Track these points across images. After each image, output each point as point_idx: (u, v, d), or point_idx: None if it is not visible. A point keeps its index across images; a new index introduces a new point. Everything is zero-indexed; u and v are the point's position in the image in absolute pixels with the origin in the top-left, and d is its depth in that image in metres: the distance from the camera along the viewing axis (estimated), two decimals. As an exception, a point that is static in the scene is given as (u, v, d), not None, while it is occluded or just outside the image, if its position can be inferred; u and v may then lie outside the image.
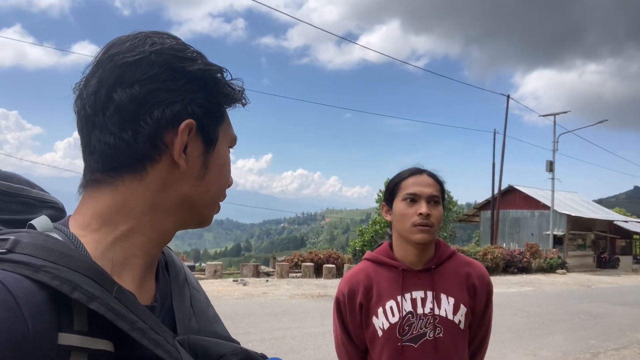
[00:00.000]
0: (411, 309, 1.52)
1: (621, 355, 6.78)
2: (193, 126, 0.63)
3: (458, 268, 1.60)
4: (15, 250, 0.52)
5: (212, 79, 0.66)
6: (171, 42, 0.65)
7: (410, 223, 1.51)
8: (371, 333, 1.54)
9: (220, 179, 0.70)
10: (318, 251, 18.00)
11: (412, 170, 1.61)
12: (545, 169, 26.91)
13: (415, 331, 1.51)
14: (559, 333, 8.03)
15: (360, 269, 1.63)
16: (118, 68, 0.61)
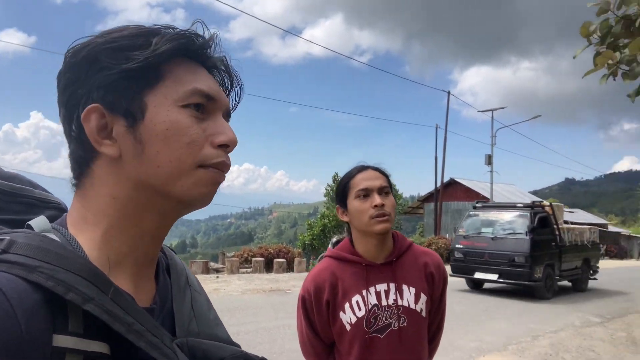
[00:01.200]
0: (376, 301, 1.59)
1: (558, 337, 7.23)
2: (97, 109, 0.60)
3: (416, 258, 1.69)
4: (10, 250, 0.52)
5: (107, 50, 0.60)
6: (74, 43, 0.63)
7: (368, 216, 1.57)
8: (338, 328, 1.60)
9: (171, 146, 0.60)
10: (268, 246, 17.92)
11: (358, 168, 1.67)
12: (485, 163, 27.97)
13: (381, 322, 1.58)
14: (501, 318, 8.44)
15: (325, 267, 1.67)
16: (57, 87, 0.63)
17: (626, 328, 8.00)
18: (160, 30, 0.63)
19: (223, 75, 0.70)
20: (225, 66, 0.70)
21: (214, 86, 0.66)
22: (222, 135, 0.64)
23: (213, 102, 0.65)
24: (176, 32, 0.63)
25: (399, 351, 1.58)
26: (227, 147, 0.65)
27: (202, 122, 0.64)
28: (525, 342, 6.83)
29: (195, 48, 0.65)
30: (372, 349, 1.57)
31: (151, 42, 0.61)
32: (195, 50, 0.65)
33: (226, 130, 0.65)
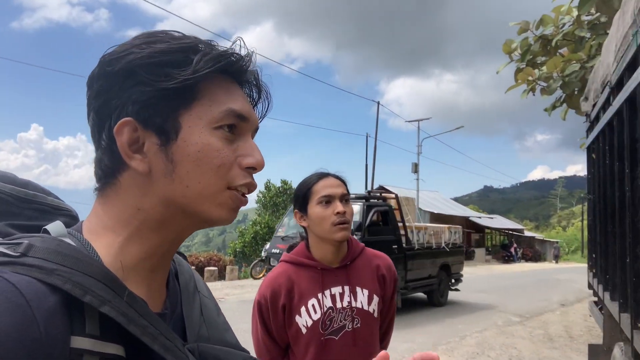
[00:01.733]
0: (331, 304, 1.63)
1: (483, 336, 7.62)
2: (131, 124, 0.60)
3: (369, 261, 1.75)
4: (28, 254, 0.52)
5: (146, 65, 0.60)
6: (112, 49, 0.63)
7: (330, 223, 1.60)
8: (294, 331, 1.63)
9: (201, 168, 0.61)
10: (198, 254, 17.59)
11: (319, 175, 1.69)
12: (411, 171, 29.04)
13: (336, 324, 1.63)
14: (431, 320, 8.78)
15: (281, 272, 1.69)
16: (87, 93, 0.64)
17: (543, 326, 8.59)
18: (200, 45, 0.63)
19: (252, 88, 0.71)
20: (256, 80, 0.71)
21: (247, 106, 0.67)
22: (251, 158, 0.65)
23: (245, 122, 0.65)
24: (217, 53, 0.63)
25: (353, 351, 1.62)
26: (254, 169, 0.66)
27: (232, 143, 0.64)
28: (453, 342, 7.15)
29: (233, 69, 0.66)
30: (327, 351, 1.61)
31: (191, 60, 0.61)
32: (233, 69, 0.66)
33: (255, 153, 0.66)
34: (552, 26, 6.40)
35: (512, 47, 7.08)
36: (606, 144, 3.34)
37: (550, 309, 10.55)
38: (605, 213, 3.51)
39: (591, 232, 4.68)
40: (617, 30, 2.57)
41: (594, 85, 3.67)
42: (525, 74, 6.59)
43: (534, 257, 39.44)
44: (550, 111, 7.46)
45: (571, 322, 8.99)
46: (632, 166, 2.51)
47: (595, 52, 5.57)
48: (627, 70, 2.47)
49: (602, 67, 3.18)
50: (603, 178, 3.57)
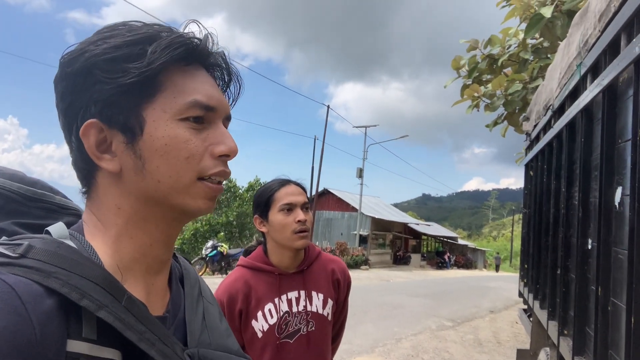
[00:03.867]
0: (287, 308, 1.66)
1: (418, 339, 7.88)
2: (95, 124, 0.59)
3: (325, 266, 1.79)
4: (27, 255, 0.52)
5: (101, 63, 0.58)
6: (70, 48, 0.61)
7: (291, 231, 1.62)
8: (250, 335, 1.64)
9: (170, 161, 0.60)
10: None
11: (280, 181, 1.70)
12: (356, 175, 29.46)
13: (292, 328, 1.66)
14: (368, 323, 8.97)
15: (238, 277, 1.69)
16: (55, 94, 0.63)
17: (473, 331, 8.98)
18: (157, 33, 0.61)
19: (222, 71, 0.69)
20: (225, 62, 0.69)
21: (215, 93, 0.65)
22: (223, 146, 0.64)
23: (213, 112, 0.64)
24: (171, 40, 0.61)
25: (307, 354, 1.66)
26: (228, 156, 0.65)
27: (201, 132, 0.63)
28: (390, 344, 7.35)
29: (194, 54, 0.63)
30: (283, 354, 1.63)
31: (146, 51, 0.59)
32: (193, 55, 0.63)
33: (226, 140, 0.64)
34: (499, 46, 6.75)
35: (460, 63, 7.40)
36: (544, 163, 3.57)
37: (480, 315, 11.03)
38: (539, 227, 3.76)
39: (524, 244, 4.97)
40: (562, 59, 2.77)
41: (536, 107, 3.92)
42: (472, 90, 6.91)
43: (466, 264, 41.08)
44: (491, 127, 7.85)
45: (499, 328, 9.46)
46: (568, 186, 2.72)
47: (537, 74, 5.93)
48: (569, 98, 2.67)
49: (545, 91, 3.40)
50: (539, 194, 3.81)
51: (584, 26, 2.23)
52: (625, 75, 1.74)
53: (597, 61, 2.09)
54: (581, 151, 2.31)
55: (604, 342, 1.87)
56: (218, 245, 15.32)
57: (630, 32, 1.67)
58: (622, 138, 1.78)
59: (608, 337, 1.86)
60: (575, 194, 2.50)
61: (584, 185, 2.30)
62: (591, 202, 2.24)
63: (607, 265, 1.89)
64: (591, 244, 2.18)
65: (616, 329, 1.77)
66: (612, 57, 1.84)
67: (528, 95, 5.96)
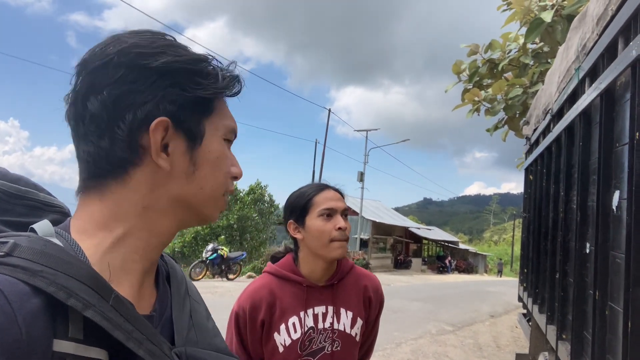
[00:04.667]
0: (313, 324, 1.54)
1: (418, 344, 7.86)
2: (167, 124, 0.61)
3: (357, 281, 1.65)
4: (13, 254, 0.52)
5: (184, 71, 0.63)
6: (136, 39, 0.62)
7: (329, 239, 1.51)
8: (271, 348, 1.54)
9: (215, 173, 0.67)
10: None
11: (320, 186, 1.61)
12: (357, 179, 29.46)
13: (315, 345, 1.55)
14: (368, 327, 8.95)
15: (263, 285, 1.59)
16: (88, 76, 0.61)
17: (473, 335, 8.95)
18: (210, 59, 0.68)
19: None
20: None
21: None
22: (236, 168, 0.72)
23: (234, 139, 0.73)
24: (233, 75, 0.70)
25: None
26: (236, 178, 0.73)
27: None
28: (390, 349, 7.32)
29: (234, 91, 0.72)
30: None
31: (214, 74, 0.67)
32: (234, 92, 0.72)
33: (237, 164, 0.73)
34: (500, 51, 6.76)
35: (461, 67, 7.40)
36: (544, 167, 3.57)
37: (480, 319, 10.99)
38: (539, 231, 3.75)
39: (524, 249, 4.96)
40: (561, 63, 2.78)
41: (535, 111, 3.92)
42: (472, 95, 6.91)
43: (467, 269, 40.99)
44: (492, 131, 7.85)
45: (499, 332, 9.43)
46: (567, 189, 2.72)
47: (537, 79, 5.93)
48: (568, 101, 2.67)
49: (545, 95, 3.40)
50: (539, 198, 3.81)
51: (583, 30, 2.23)
52: (623, 79, 1.75)
53: (595, 65, 2.09)
54: (579, 155, 2.31)
55: (602, 346, 1.87)
56: (219, 248, 15.29)
57: (628, 35, 1.67)
58: (620, 142, 1.78)
59: (606, 341, 1.85)
60: (574, 197, 2.50)
61: (583, 189, 2.30)
62: (589, 206, 2.23)
63: (604, 269, 1.88)
64: (589, 248, 2.17)
65: (613, 333, 1.77)
66: (610, 61, 1.85)
67: (528, 99, 5.96)
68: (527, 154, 4.83)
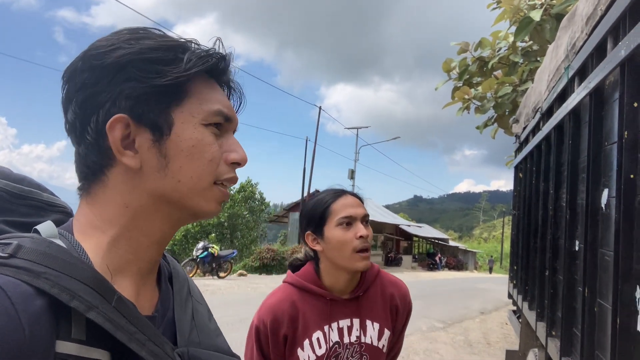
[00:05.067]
0: (338, 339, 1.46)
1: (409, 340, 7.89)
2: (125, 120, 0.60)
3: (383, 289, 1.57)
4: (17, 255, 0.52)
5: (140, 61, 0.60)
6: (100, 40, 0.62)
7: (351, 249, 1.41)
8: None
9: (193, 163, 0.63)
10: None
11: (335, 192, 1.51)
12: (348, 177, 29.49)
13: None
14: (359, 324, 8.98)
15: (285, 297, 1.49)
16: (65, 86, 0.63)
17: (463, 332, 9.01)
18: (186, 44, 0.65)
19: (228, 87, 0.73)
20: (231, 80, 0.73)
21: (230, 106, 0.70)
22: (236, 154, 0.67)
23: (228, 122, 0.68)
24: (205, 52, 0.65)
25: None
26: (239, 164, 0.68)
27: (218, 138, 0.66)
28: (380, 346, 7.36)
29: (218, 69, 0.68)
30: None
31: (180, 58, 0.62)
32: (217, 69, 0.68)
33: (238, 149, 0.68)
34: (490, 49, 6.79)
35: (451, 65, 7.44)
36: (533, 165, 3.60)
37: (471, 316, 11.08)
38: (528, 229, 3.78)
39: (514, 246, 5.00)
40: (551, 62, 2.80)
41: (525, 110, 3.94)
42: (462, 93, 6.94)
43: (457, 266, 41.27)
44: (482, 129, 7.89)
45: (489, 329, 9.51)
46: (556, 187, 2.74)
47: (527, 77, 5.97)
48: (557, 100, 2.69)
49: (534, 93, 3.43)
50: (528, 196, 3.84)
51: (572, 29, 2.25)
52: (612, 78, 1.76)
53: (584, 64, 2.11)
54: (569, 153, 2.33)
55: (591, 342, 1.89)
56: (209, 246, 15.25)
57: (617, 35, 1.69)
58: (609, 141, 1.80)
59: (594, 338, 1.87)
60: (563, 195, 2.52)
61: (572, 187, 2.32)
62: (579, 204, 2.26)
63: (593, 266, 1.90)
64: (578, 246, 2.19)
65: (602, 330, 1.79)
66: (599, 60, 1.86)
67: (518, 97, 6.00)
68: (517, 152, 4.87)
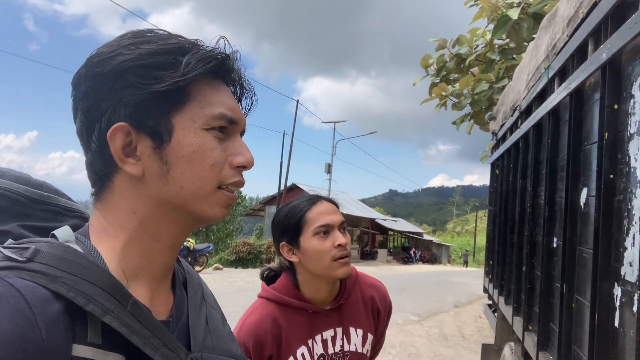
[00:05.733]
0: (323, 351, 1.43)
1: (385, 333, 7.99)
2: (125, 128, 0.60)
3: (363, 294, 1.54)
4: (34, 259, 0.53)
5: (138, 67, 0.60)
6: (101, 49, 0.62)
7: (330, 258, 1.36)
8: None
9: (195, 169, 0.62)
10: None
11: (310, 199, 1.46)
12: (325, 171, 29.57)
13: None
14: (336, 318, 9.03)
15: (265, 315, 1.41)
16: (72, 94, 0.63)
17: (438, 325, 9.16)
18: (187, 47, 0.63)
19: (236, 86, 0.72)
20: (240, 78, 0.72)
21: (236, 107, 0.68)
22: (241, 157, 0.66)
23: (234, 125, 0.67)
24: (206, 54, 0.63)
25: None
26: (245, 167, 0.67)
27: (222, 142, 0.65)
28: (357, 340, 7.43)
29: (222, 69, 0.66)
30: None
31: (180, 61, 0.61)
32: (221, 70, 0.66)
33: (244, 152, 0.67)
34: (467, 46, 6.87)
35: (429, 62, 7.51)
36: (511, 162, 3.66)
37: (445, 309, 11.26)
38: (505, 225, 3.85)
39: (490, 241, 5.09)
40: (530, 61, 2.84)
41: (503, 107, 4.00)
42: (440, 89, 7.01)
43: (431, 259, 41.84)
44: (458, 125, 8.00)
45: (463, 322, 9.68)
46: (534, 185, 2.79)
47: (503, 75, 6.07)
48: (537, 99, 2.74)
49: (513, 92, 3.48)
50: (505, 193, 3.91)
51: (553, 30, 2.29)
52: (592, 80, 1.80)
53: (564, 65, 2.15)
54: (548, 152, 2.37)
55: (568, 338, 1.94)
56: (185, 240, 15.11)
57: (598, 38, 1.72)
58: (589, 140, 1.84)
59: (572, 333, 1.92)
60: (542, 193, 2.57)
61: (550, 185, 2.37)
62: (557, 202, 2.31)
63: (572, 263, 1.95)
64: (556, 243, 2.24)
65: (579, 326, 1.83)
66: (580, 62, 1.90)
67: (494, 94, 6.09)
68: (494, 148, 4.94)
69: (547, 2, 4.72)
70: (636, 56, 1.42)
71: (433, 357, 6.67)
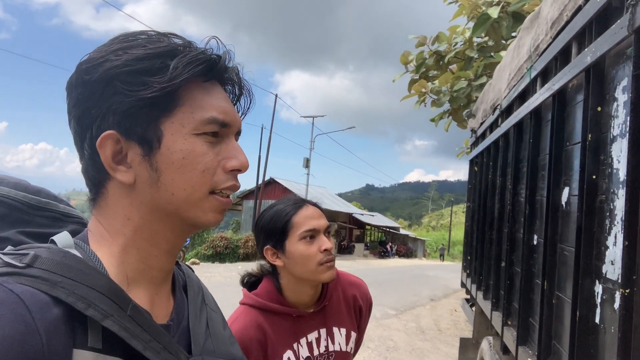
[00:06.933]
0: (308, 353, 1.44)
1: (363, 328, 8.06)
2: (115, 136, 0.59)
3: (345, 293, 1.55)
4: (34, 265, 0.53)
5: (125, 74, 0.58)
6: (91, 54, 0.61)
7: (316, 263, 1.36)
8: None
9: (185, 175, 0.61)
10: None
11: (295, 203, 1.45)
12: (303, 165, 29.54)
13: None
14: (314, 313, 9.07)
15: (249, 322, 1.40)
16: (66, 98, 0.63)
17: (415, 319, 9.28)
18: (177, 49, 0.62)
19: (234, 86, 0.71)
20: (238, 77, 0.70)
21: (230, 110, 0.66)
22: (235, 160, 0.65)
23: (227, 128, 0.65)
24: (194, 57, 0.62)
25: None
26: (239, 170, 0.66)
27: (215, 146, 0.64)
28: (336, 334, 7.48)
29: (213, 71, 0.65)
30: None
31: (168, 65, 0.60)
32: (213, 72, 0.65)
33: (238, 155, 0.66)
34: (446, 44, 6.94)
35: (409, 58, 7.55)
36: (490, 160, 3.72)
37: (421, 303, 11.41)
38: (484, 221, 3.91)
39: (468, 237, 5.17)
40: (512, 61, 2.89)
41: (482, 105, 4.06)
42: (419, 86, 7.07)
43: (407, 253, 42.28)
44: (437, 122, 8.08)
45: (439, 316, 9.83)
46: (514, 183, 2.85)
47: (482, 72, 6.14)
48: (518, 99, 2.79)
49: (493, 91, 3.53)
50: (484, 190, 3.97)
51: (536, 31, 2.32)
52: (575, 82, 1.84)
53: (547, 66, 2.19)
54: (529, 151, 2.42)
55: (548, 333, 1.99)
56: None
57: (582, 41, 1.76)
58: (571, 141, 1.88)
59: (552, 328, 1.97)
60: (522, 191, 2.62)
61: (531, 184, 2.41)
62: (537, 200, 2.35)
63: (553, 260, 2.00)
64: (537, 240, 2.29)
65: (560, 321, 1.88)
66: (563, 64, 1.94)
67: (472, 92, 6.17)
68: (473, 146, 5.01)
69: (526, 1, 4.80)
70: (620, 60, 1.45)
71: (411, 351, 6.76)
